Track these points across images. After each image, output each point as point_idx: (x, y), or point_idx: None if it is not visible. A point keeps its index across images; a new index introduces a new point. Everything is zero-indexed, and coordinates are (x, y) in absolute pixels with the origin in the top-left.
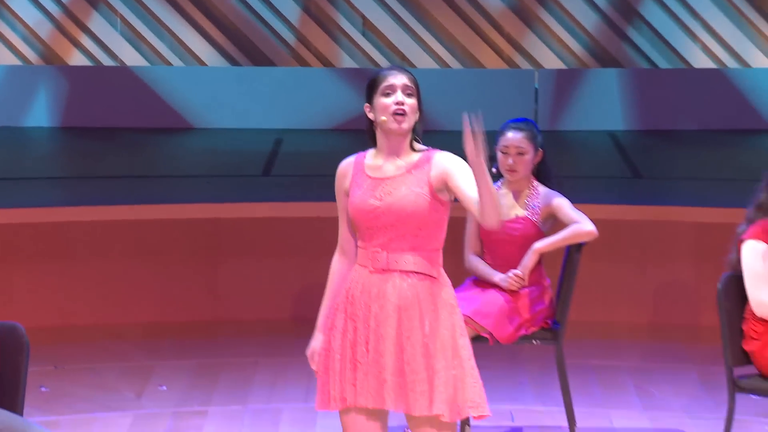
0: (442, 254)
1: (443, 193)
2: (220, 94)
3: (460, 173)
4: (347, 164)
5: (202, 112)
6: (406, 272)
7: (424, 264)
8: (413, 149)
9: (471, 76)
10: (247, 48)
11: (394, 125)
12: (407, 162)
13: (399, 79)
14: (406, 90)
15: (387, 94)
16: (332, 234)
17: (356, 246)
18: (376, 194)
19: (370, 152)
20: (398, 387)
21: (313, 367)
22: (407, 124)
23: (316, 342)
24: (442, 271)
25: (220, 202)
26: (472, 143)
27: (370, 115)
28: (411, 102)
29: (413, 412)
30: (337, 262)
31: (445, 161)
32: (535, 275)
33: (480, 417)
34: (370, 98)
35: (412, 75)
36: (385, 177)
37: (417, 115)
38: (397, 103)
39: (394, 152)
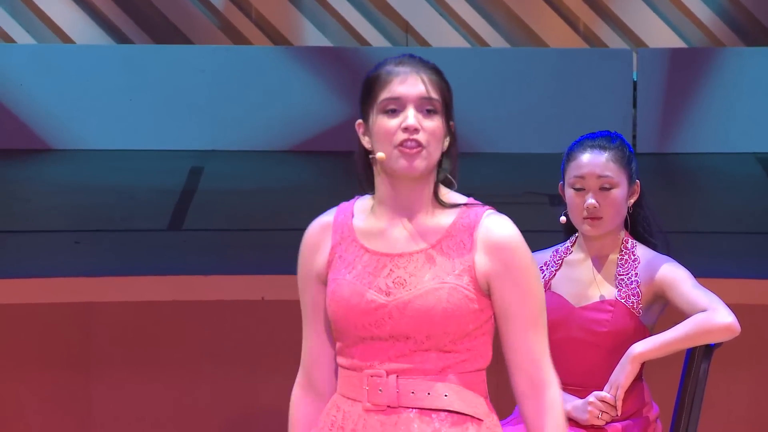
0: (485, 376)
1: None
2: (98, 93)
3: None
4: (321, 228)
5: (66, 123)
6: (432, 411)
7: (464, 397)
8: (441, 203)
9: (525, 57)
10: (144, 15)
11: (401, 164)
12: (431, 226)
13: (412, 83)
14: (423, 105)
15: (390, 112)
16: (285, 330)
17: (333, 365)
18: (381, 283)
19: (362, 204)
20: None
21: None
22: (424, 162)
23: None
24: (489, 404)
25: (95, 275)
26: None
27: (364, 141)
28: (431, 126)
29: None
30: (300, 404)
31: (502, 244)
32: (633, 399)
33: None
34: (364, 111)
35: (438, 73)
36: (395, 253)
37: (443, 145)
38: (407, 129)
39: (406, 209)
